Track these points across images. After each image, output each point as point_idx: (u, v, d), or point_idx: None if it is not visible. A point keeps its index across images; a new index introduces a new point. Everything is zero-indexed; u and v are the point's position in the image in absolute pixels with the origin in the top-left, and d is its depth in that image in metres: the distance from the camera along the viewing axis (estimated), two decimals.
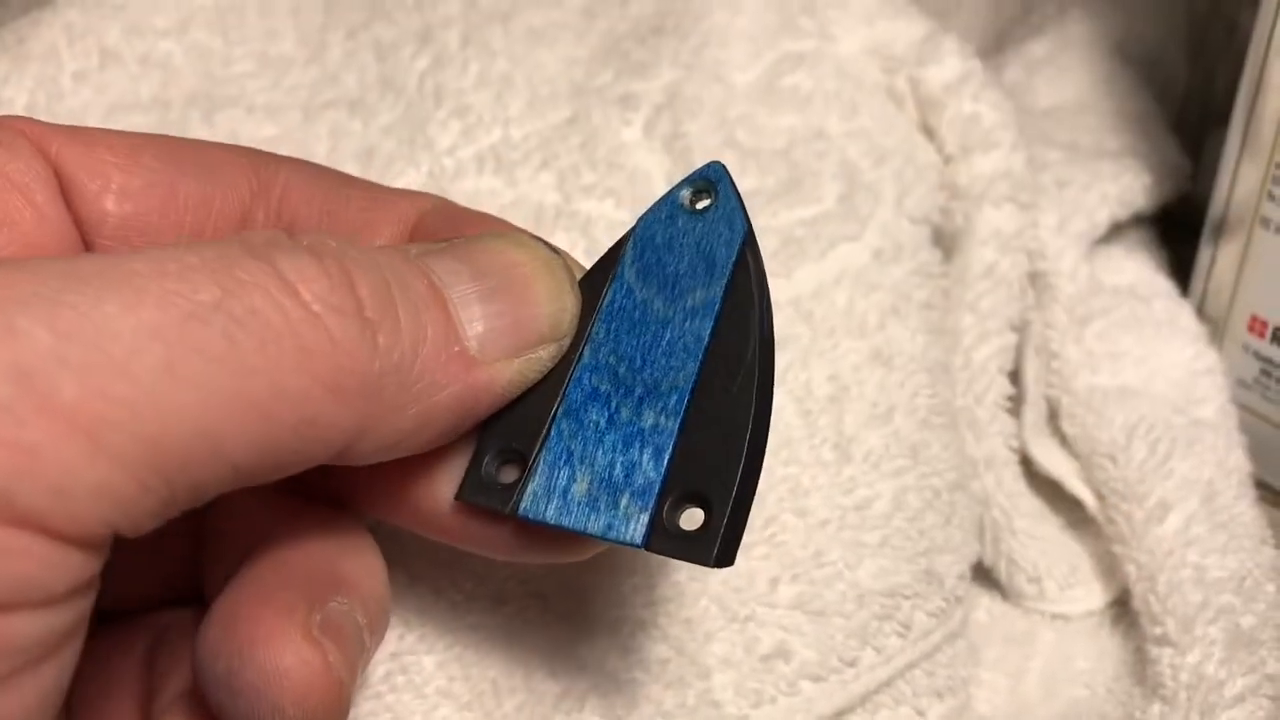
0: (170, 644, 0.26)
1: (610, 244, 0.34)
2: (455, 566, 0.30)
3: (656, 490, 0.22)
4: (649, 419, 0.23)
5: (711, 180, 0.24)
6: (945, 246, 0.37)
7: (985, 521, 0.35)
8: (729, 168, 0.35)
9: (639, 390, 0.23)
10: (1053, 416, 0.37)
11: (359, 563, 0.24)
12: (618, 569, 0.30)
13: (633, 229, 0.24)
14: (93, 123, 0.36)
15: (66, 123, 0.25)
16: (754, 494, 0.23)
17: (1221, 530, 0.34)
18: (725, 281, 0.23)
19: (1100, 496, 0.36)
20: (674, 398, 0.23)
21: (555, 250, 0.24)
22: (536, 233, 0.34)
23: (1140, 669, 0.34)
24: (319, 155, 0.35)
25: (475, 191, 0.34)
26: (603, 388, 0.23)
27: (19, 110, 0.36)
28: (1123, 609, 0.36)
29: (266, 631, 0.21)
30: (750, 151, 0.36)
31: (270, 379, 0.19)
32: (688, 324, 0.23)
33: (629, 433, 0.23)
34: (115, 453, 0.18)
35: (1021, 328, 0.37)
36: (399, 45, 0.38)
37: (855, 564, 0.31)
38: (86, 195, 0.25)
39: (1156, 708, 0.32)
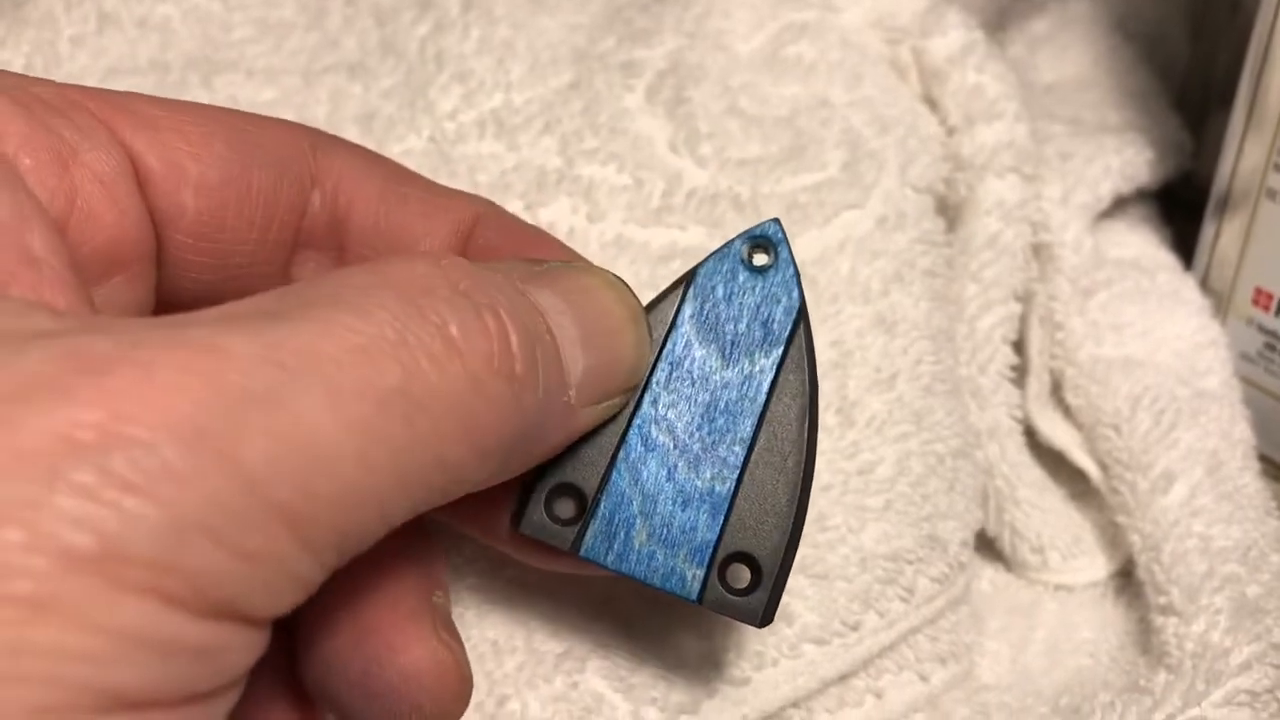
0: None
1: (613, 210, 0.34)
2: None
3: (711, 550, 0.24)
4: (706, 480, 0.24)
5: (771, 240, 0.25)
6: (949, 217, 0.37)
7: (988, 491, 0.35)
8: (732, 134, 0.35)
9: (696, 448, 0.25)
10: (1056, 388, 0.37)
11: (435, 556, 0.24)
12: None
13: (692, 276, 0.25)
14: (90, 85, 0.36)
15: None
16: (794, 556, 0.25)
17: (1226, 500, 0.34)
18: (780, 351, 0.25)
19: (1104, 467, 0.36)
20: (730, 461, 0.24)
21: (634, 294, 0.24)
22: (539, 196, 0.34)
23: (1144, 639, 0.34)
24: (319, 119, 0.35)
25: (477, 156, 0.34)
26: (662, 440, 0.25)
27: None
28: (1125, 580, 0.36)
29: (404, 638, 0.22)
30: (754, 119, 0.35)
31: (435, 452, 0.19)
32: (745, 388, 0.25)
33: (687, 490, 0.24)
34: (313, 545, 0.18)
35: (1025, 298, 0.37)
36: (399, 10, 0.37)
37: (858, 528, 0.31)
38: (165, 188, 0.24)
39: (1162, 676, 0.32)
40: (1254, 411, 0.37)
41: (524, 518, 0.24)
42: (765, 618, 0.24)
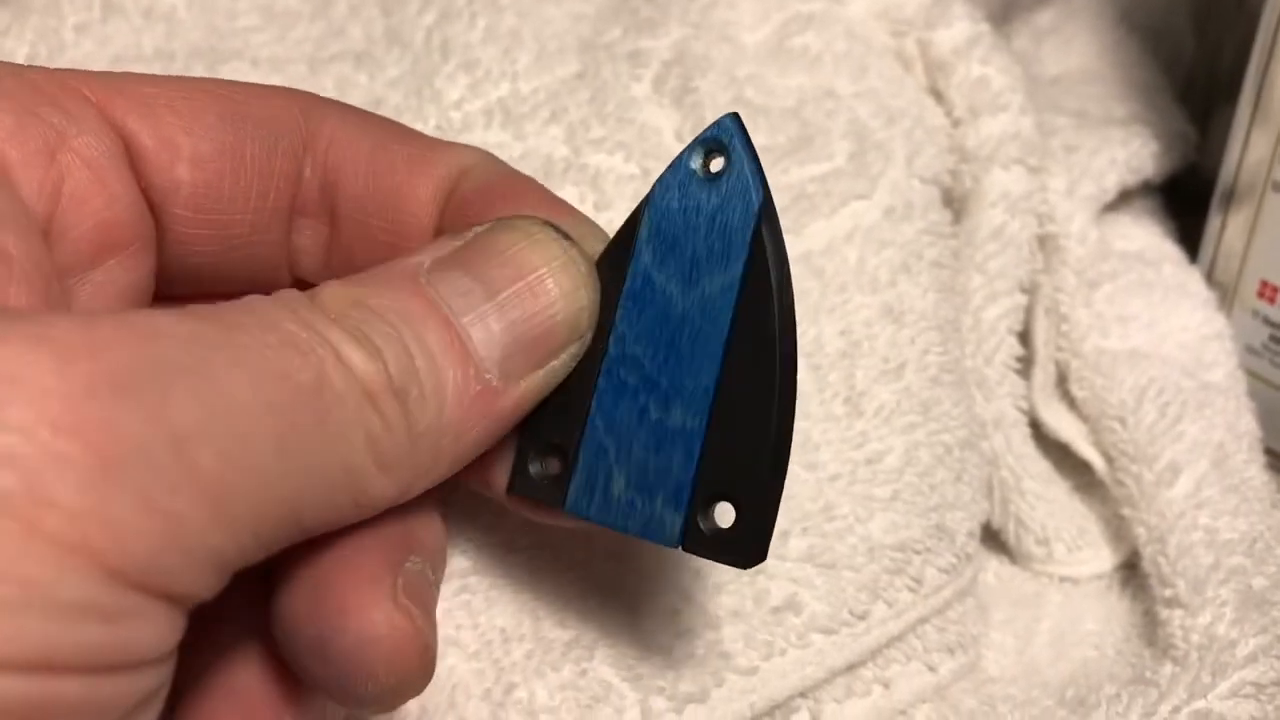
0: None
1: (620, 200, 0.34)
2: (464, 516, 0.29)
3: (688, 492, 0.23)
4: (677, 418, 0.23)
5: (723, 141, 0.23)
6: (955, 209, 0.37)
7: (994, 483, 0.35)
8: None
9: (665, 385, 0.23)
10: (1062, 379, 0.37)
11: (423, 519, 0.24)
12: None
13: (647, 199, 0.23)
14: None
15: None
16: (782, 488, 0.23)
17: (1232, 493, 0.34)
18: (742, 263, 0.22)
19: (1109, 459, 0.36)
20: (699, 394, 0.23)
21: (568, 237, 0.23)
22: (545, 185, 0.34)
23: (1149, 631, 0.34)
24: None
25: (483, 145, 0.34)
26: (630, 381, 0.23)
27: (20, 62, 0.36)
28: (1130, 572, 0.36)
29: (358, 601, 0.21)
30: (760, 109, 0.35)
31: (341, 457, 0.20)
32: (708, 312, 0.23)
33: (659, 432, 0.23)
34: (231, 519, 0.18)
35: (1031, 290, 0.37)
36: (405, 0, 0.37)
37: (866, 518, 0.31)
38: (159, 164, 0.24)
39: (1168, 668, 0.32)
40: (1259, 404, 0.37)
41: (515, 478, 0.24)
42: (752, 557, 0.22)
